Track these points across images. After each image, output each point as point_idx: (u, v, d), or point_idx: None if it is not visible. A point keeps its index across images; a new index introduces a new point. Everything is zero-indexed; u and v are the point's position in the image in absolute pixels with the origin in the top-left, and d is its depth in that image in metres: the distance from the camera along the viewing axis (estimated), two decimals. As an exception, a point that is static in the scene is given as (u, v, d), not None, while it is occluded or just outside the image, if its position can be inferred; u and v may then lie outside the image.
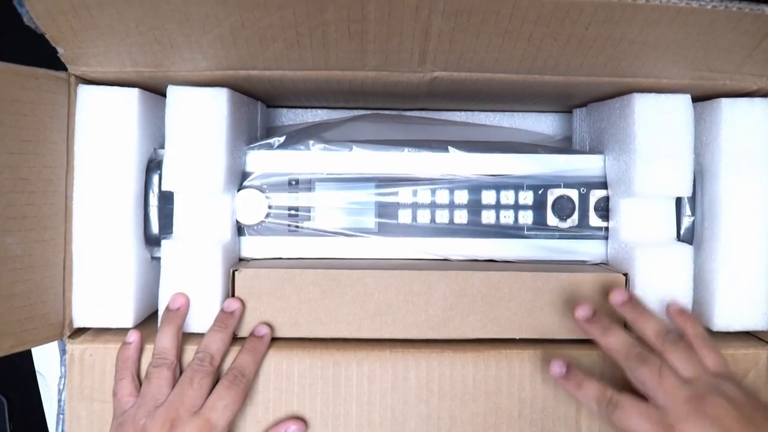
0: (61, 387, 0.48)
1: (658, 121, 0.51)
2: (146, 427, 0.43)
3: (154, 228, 0.53)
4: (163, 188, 0.51)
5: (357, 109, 0.69)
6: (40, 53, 0.46)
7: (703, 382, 0.42)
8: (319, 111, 0.70)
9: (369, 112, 0.68)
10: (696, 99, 0.52)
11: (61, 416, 0.48)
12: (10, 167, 0.44)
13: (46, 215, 0.47)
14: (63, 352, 0.49)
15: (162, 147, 0.53)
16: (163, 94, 0.51)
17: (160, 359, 0.46)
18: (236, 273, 0.49)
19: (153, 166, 0.53)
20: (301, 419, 0.48)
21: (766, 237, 0.51)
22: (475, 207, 0.57)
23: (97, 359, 0.48)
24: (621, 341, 0.45)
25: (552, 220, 0.57)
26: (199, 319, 0.50)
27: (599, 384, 0.45)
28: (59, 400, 0.48)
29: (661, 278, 0.51)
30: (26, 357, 0.64)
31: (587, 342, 0.44)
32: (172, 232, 0.53)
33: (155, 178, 0.53)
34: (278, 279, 0.49)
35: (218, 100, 0.50)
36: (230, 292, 0.50)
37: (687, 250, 0.52)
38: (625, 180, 0.52)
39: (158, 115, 0.53)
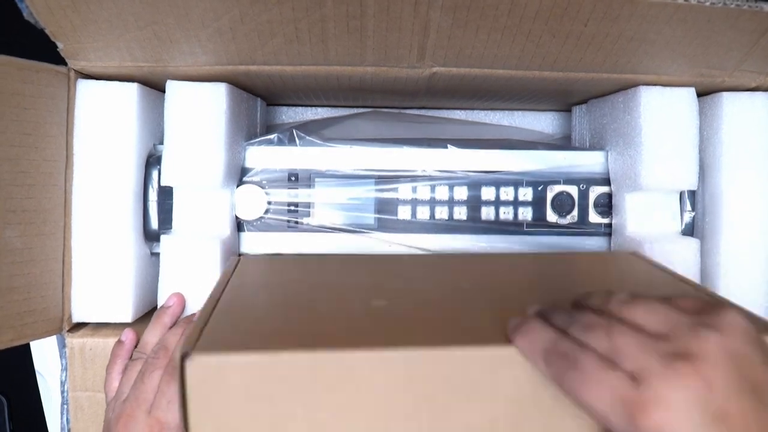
0: (63, 378, 0.48)
1: (663, 114, 0.51)
2: (110, 423, 0.42)
3: (154, 223, 0.53)
4: (163, 183, 0.51)
5: (357, 107, 0.69)
6: (40, 47, 0.46)
7: (682, 331, 0.28)
8: (319, 109, 0.70)
9: (369, 109, 0.68)
10: (697, 94, 0.52)
11: (65, 406, 0.49)
12: (10, 160, 0.44)
13: (46, 209, 0.47)
14: (62, 346, 0.49)
15: (161, 142, 0.53)
16: (163, 90, 0.51)
17: (139, 353, 0.46)
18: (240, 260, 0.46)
19: (152, 161, 0.53)
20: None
21: (767, 231, 0.51)
22: (474, 203, 0.57)
23: (97, 353, 0.48)
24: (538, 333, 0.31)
25: (551, 216, 0.57)
26: (198, 314, 0.50)
27: (553, 332, 0.30)
28: (62, 391, 0.49)
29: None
30: (26, 357, 0.64)
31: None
32: (171, 228, 0.53)
33: (154, 174, 0.53)
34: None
35: (217, 95, 0.50)
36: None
37: (695, 244, 0.52)
38: (630, 174, 0.52)
39: (157, 111, 0.53)
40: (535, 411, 0.31)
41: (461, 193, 0.57)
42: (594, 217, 0.57)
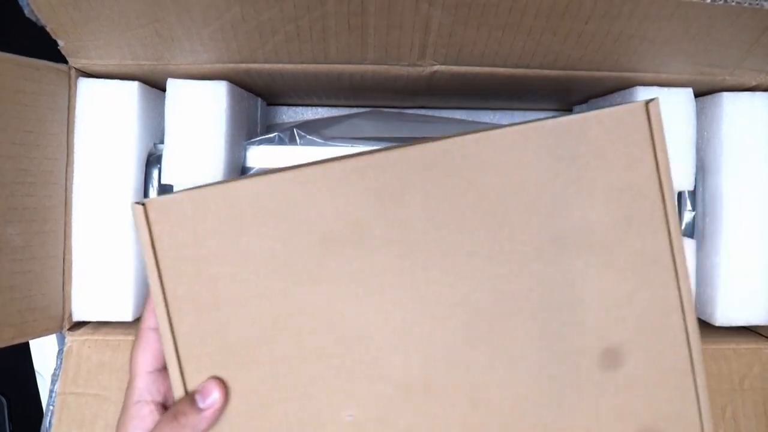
0: (55, 378, 0.48)
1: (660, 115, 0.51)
2: None
3: (154, 222, 0.53)
4: (163, 181, 0.51)
5: (357, 107, 0.69)
6: (40, 46, 0.46)
7: None
8: (320, 109, 0.70)
9: (369, 109, 0.68)
10: (697, 94, 0.52)
11: (51, 407, 0.48)
12: (12, 158, 0.44)
13: (46, 207, 0.47)
14: (62, 345, 0.49)
15: (161, 142, 0.53)
16: (164, 89, 0.51)
17: None
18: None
19: (153, 160, 0.53)
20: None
21: (767, 231, 0.51)
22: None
23: (94, 351, 0.48)
24: None
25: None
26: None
27: None
28: (50, 391, 0.48)
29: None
30: (26, 357, 0.64)
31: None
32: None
33: (155, 173, 0.53)
34: None
35: (218, 93, 0.50)
36: None
37: (689, 245, 0.52)
38: (625, 176, 0.52)
39: (158, 110, 0.53)
40: None
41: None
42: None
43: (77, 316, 0.50)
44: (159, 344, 0.35)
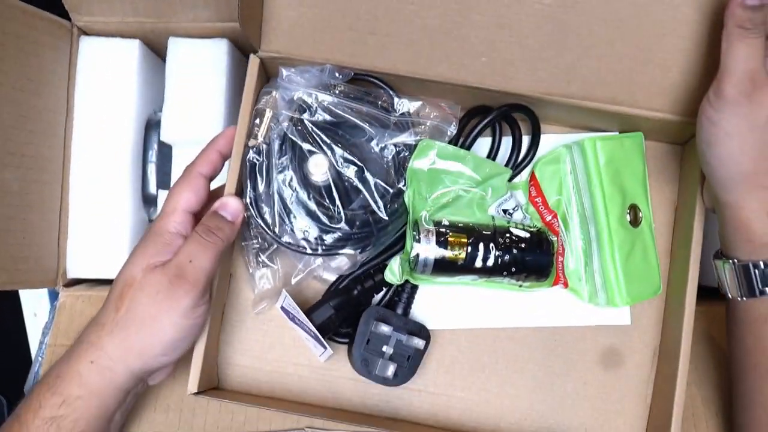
0: (46, 331, 0.47)
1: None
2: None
3: (152, 187, 0.53)
4: (162, 139, 0.51)
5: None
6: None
7: None
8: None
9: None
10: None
11: (40, 358, 0.47)
12: (12, 102, 0.44)
13: (45, 157, 0.47)
14: (54, 298, 0.48)
15: (161, 110, 0.54)
16: (164, 57, 0.52)
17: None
18: None
19: (152, 125, 0.53)
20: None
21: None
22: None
23: (88, 306, 0.48)
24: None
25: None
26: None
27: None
28: (41, 342, 0.47)
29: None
30: (26, 357, 0.63)
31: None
32: (169, 188, 0.52)
33: (154, 138, 0.53)
34: None
35: (218, 51, 0.51)
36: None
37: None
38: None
39: (158, 77, 0.54)
40: None
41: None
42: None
43: (72, 274, 0.49)
44: (204, 191, 0.41)
